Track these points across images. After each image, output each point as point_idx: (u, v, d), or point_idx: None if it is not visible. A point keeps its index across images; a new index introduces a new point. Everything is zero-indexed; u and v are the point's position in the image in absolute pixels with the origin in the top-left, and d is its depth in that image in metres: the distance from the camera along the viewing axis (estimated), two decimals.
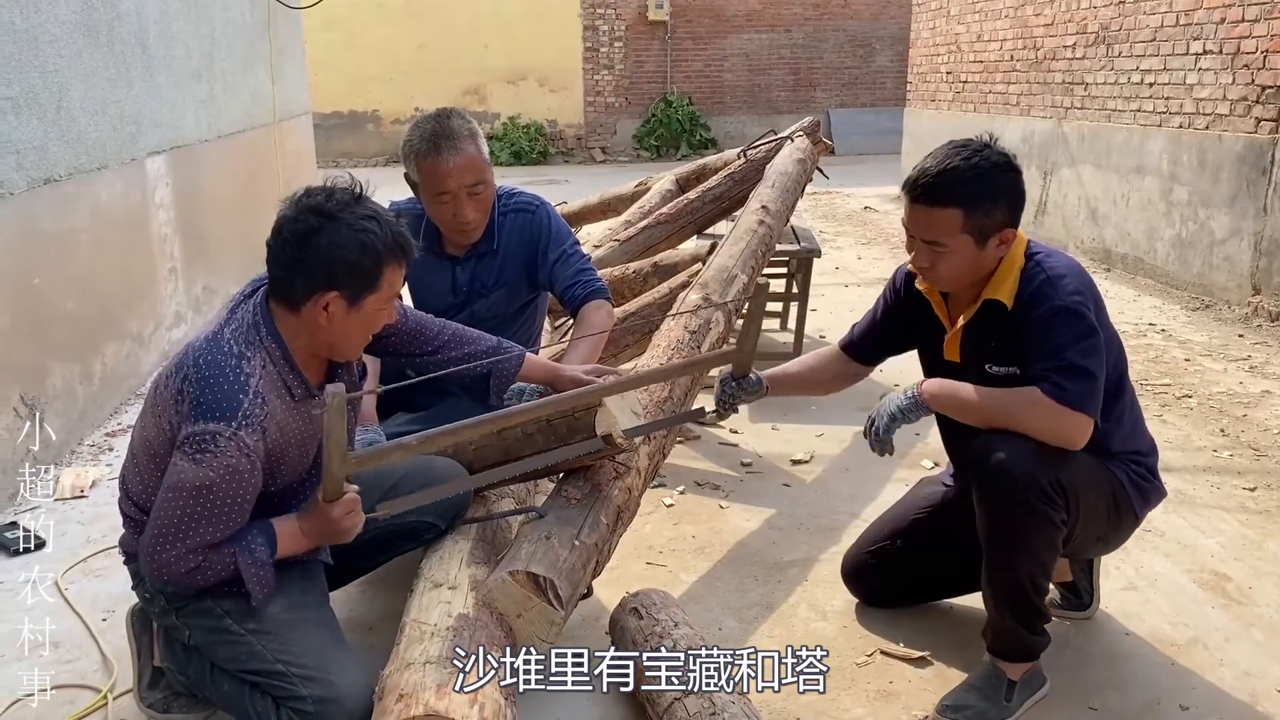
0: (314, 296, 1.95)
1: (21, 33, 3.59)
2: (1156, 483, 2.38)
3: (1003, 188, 2.19)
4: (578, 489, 2.31)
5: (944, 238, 2.19)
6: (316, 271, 1.94)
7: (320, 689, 1.96)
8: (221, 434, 1.87)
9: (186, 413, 1.91)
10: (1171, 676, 2.39)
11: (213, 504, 1.90)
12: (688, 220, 4.62)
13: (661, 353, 2.88)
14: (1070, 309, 2.15)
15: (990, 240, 2.19)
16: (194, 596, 2.05)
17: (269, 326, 2.00)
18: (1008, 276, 2.22)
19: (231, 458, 1.88)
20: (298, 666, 1.98)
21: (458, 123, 2.71)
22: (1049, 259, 2.24)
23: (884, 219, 9.60)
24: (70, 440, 3.83)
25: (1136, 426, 2.36)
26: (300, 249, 1.93)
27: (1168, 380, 4.59)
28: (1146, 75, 6.72)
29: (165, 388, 1.99)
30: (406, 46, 15.17)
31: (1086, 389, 2.11)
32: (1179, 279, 6.39)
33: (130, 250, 4.63)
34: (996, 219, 2.18)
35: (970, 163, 2.18)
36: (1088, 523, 2.25)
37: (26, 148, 3.59)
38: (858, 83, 16.46)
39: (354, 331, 2.04)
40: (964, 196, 2.16)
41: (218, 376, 1.92)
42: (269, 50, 7.25)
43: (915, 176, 2.22)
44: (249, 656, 2.01)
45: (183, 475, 1.88)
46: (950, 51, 9.95)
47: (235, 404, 1.90)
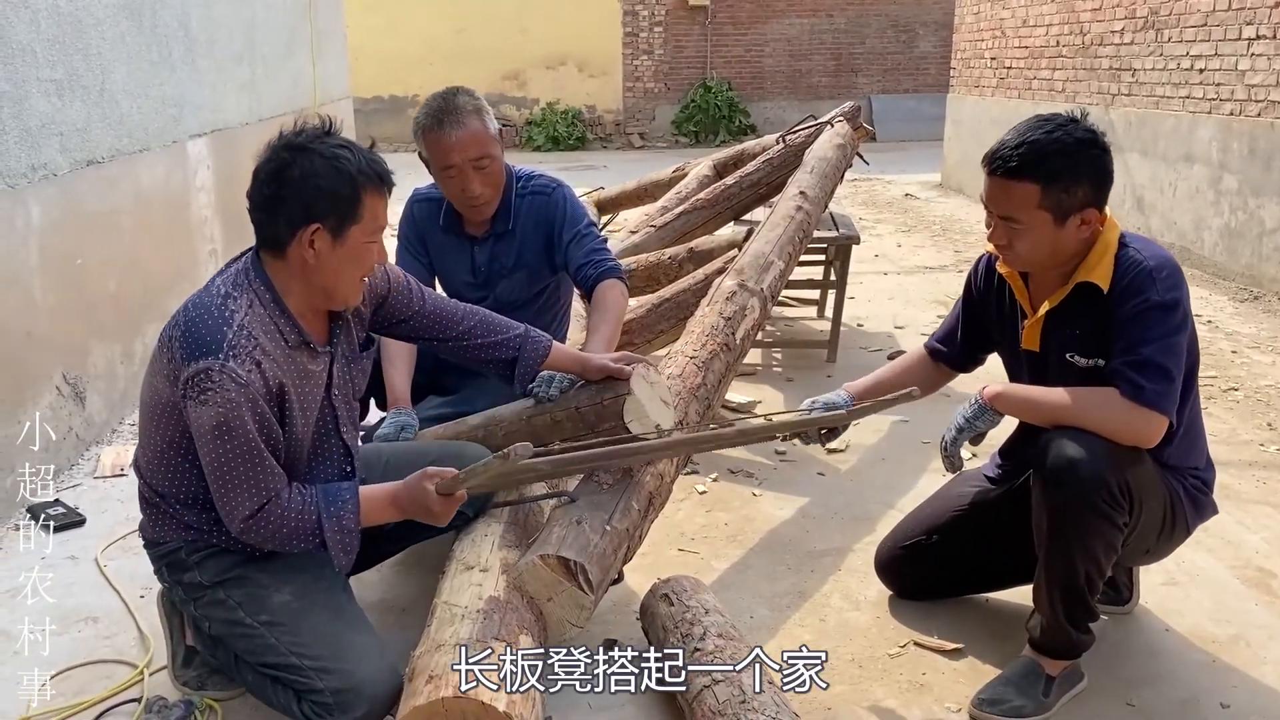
0: (297, 234, 1.93)
1: (66, 16, 3.63)
2: (1210, 498, 2.32)
3: (1085, 165, 2.11)
4: (609, 474, 2.31)
5: (1020, 213, 2.12)
6: (295, 205, 1.91)
7: (337, 680, 1.96)
8: (212, 369, 1.85)
9: (179, 360, 1.89)
10: (1212, 674, 2.34)
11: (236, 439, 1.88)
12: (725, 206, 4.59)
13: (696, 339, 2.86)
14: (1166, 305, 2.07)
15: (1071, 219, 2.11)
16: (209, 587, 2.06)
17: (258, 270, 1.99)
18: (1102, 259, 2.14)
19: (230, 390, 1.86)
20: (311, 659, 1.98)
21: (463, 99, 2.73)
22: (1146, 248, 2.15)
23: (925, 206, 9.50)
24: (111, 419, 3.88)
25: (1197, 440, 2.29)
26: (277, 186, 1.92)
27: (1214, 372, 4.50)
28: (1197, 61, 6.57)
29: (158, 343, 2.00)
30: (446, 31, 15.20)
31: (1163, 388, 2.05)
32: (1227, 269, 6.26)
33: (171, 232, 4.68)
34: (1078, 197, 2.10)
35: (1052, 136, 2.10)
36: (1144, 531, 2.19)
37: (70, 129, 3.63)
38: (900, 68, 16.28)
39: (344, 269, 1.99)
40: (1042, 171, 2.08)
41: (202, 316, 1.91)
42: (310, 34, 7.29)
43: (995, 149, 2.15)
44: (264, 650, 2.02)
45: (200, 422, 1.88)
46: (995, 37, 9.80)
47: (219, 337, 1.88)
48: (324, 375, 2.09)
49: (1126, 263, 2.12)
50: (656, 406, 2.30)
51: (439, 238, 2.93)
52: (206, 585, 2.07)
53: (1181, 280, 2.13)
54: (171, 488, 2.08)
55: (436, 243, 2.94)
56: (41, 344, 3.39)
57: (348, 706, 1.95)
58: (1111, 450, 2.07)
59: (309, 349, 2.04)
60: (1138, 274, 2.10)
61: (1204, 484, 2.29)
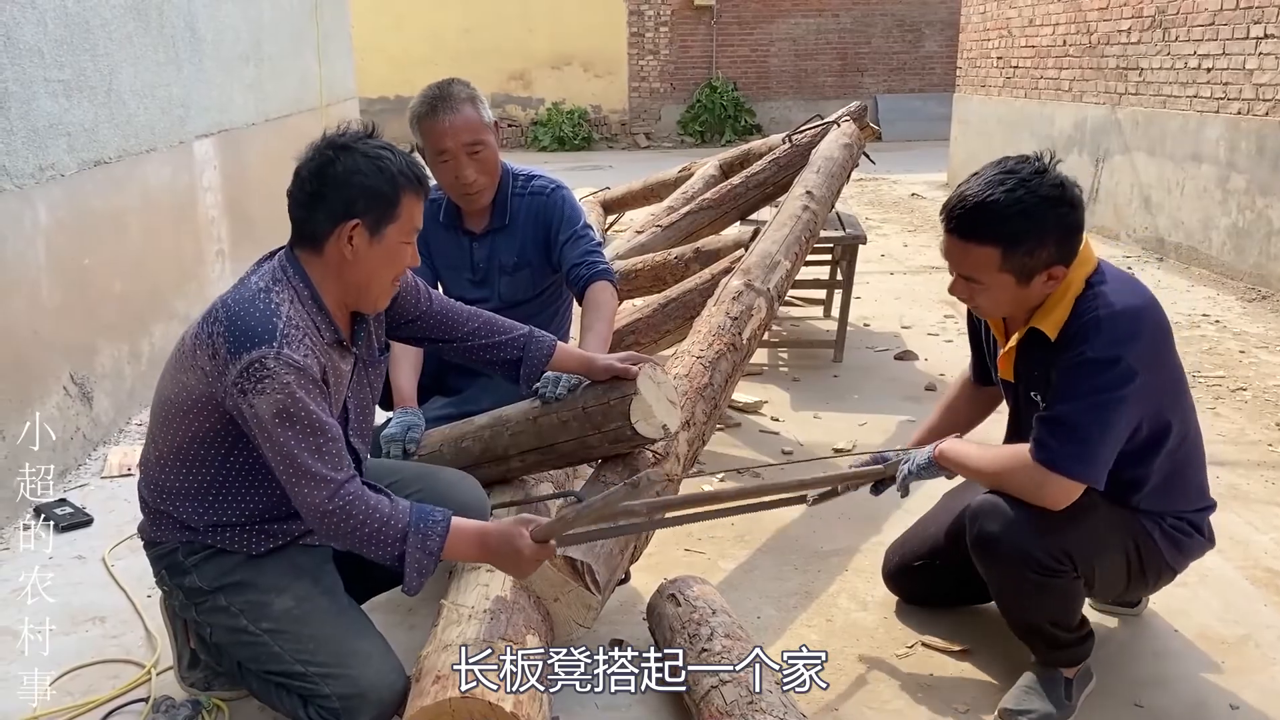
0: (336, 229, 1.94)
1: (74, 16, 3.63)
2: (1199, 538, 2.22)
3: (1051, 225, 1.98)
4: (616, 475, 2.30)
5: (981, 275, 2.04)
6: (336, 200, 1.93)
7: (343, 685, 1.95)
8: (266, 357, 1.84)
9: (224, 356, 1.87)
10: (1221, 675, 2.33)
11: (301, 422, 1.85)
12: (731, 206, 4.59)
13: (703, 338, 2.86)
14: (1099, 362, 1.96)
15: (1036, 278, 2.02)
16: (210, 592, 2.04)
17: (295, 267, 1.99)
18: (1058, 304, 2.05)
19: (288, 376, 1.85)
20: (316, 665, 1.97)
21: (457, 88, 2.77)
22: (1108, 292, 2.03)
23: (931, 206, 9.48)
24: (118, 419, 3.88)
25: (1182, 485, 2.18)
26: (319, 181, 1.94)
27: (1221, 372, 4.48)
28: (1204, 60, 6.55)
29: (191, 340, 1.97)
30: (452, 31, 15.20)
31: (1071, 450, 1.97)
32: (1235, 269, 6.24)
33: (178, 232, 4.69)
34: (1042, 258, 2.00)
35: (1014, 195, 1.97)
36: (1107, 579, 2.17)
37: (77, 130, 3.63)
38: (906, 68, 16.25)
39: (379, 268, 2.00)
40: (1003, 234, 1.98)
41: (247, 309, 1.90)
42: (316, 34, 7.29)
43: (952, 203, 2.05)
44: (268, 658, 2.01)
45: (259, 413, 1.85)
46: (1001, 36, 9.78)
47: (270, 326, 1.87)
48: (348, 376, 2.08)
49: (1081, 309, 2.02)
50: (663, 406, 2.30)
51: (440, 235, 2.94)
52: (207, 590, 2.05)
53: (1135, 334, 2.00)
54: (180, 484, 2.05)
55: (438, 241, 2.95)
56: (49, 344, 3.39)
57: (354, 712, 1.95)
58: (1036, 517, 2.03)
59: (341, 347, 2.04)
60: (1083, 324, 2.00)
61: (1190, 525, 2.19)
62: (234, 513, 2.04)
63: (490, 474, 2.50)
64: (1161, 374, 2.06)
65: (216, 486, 2.03)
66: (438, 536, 1.88)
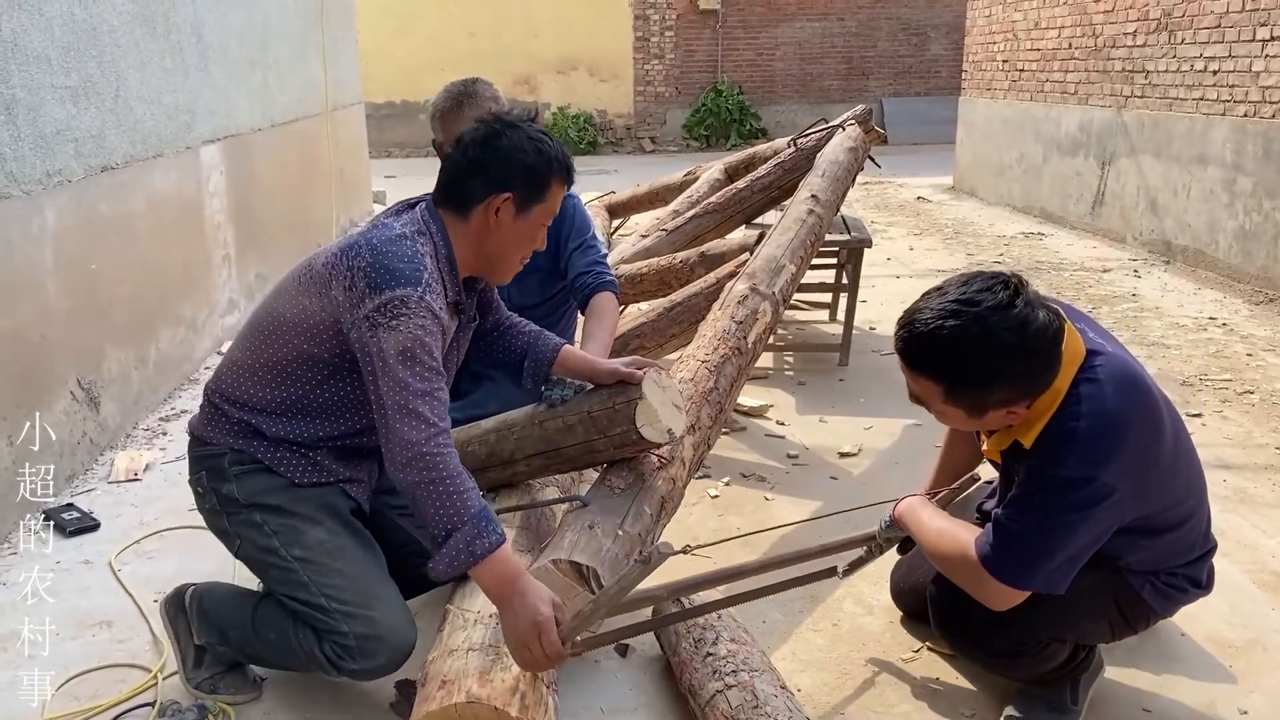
0: (488, 199, 2.03)
1: (81, 23, 3.65)
2: (1194, 590, 2.10)
3: (1002, 372, 1.80)
4: (622, 478, 2.30)
5: (929, 401, 1.93)
6: (495, 172, 2.03)
7: (362, 625, 2.00)
8: (409, 297, 1.89)
9: (363, 290, 1.91)
10: (1229, 680, 2.32)
11: (422, 366, 1.89)
12: (736, 210, 4.58)
13: (708, 343, 2.86)
14: (1064, 482, 1.82)
15: (991, 413, 1.88)
16: (245, 506, 2.08)
17: (438, 224, 2.07)
18: (1039, 421, 1.89)
19: (424, 318, 1.90)
20: (339, 602, 2.01)
21: (482, 86, 2.83)
22: (1094, 396, 1.84)
23: (937, 209, 9.48)
24: (125, 424, 3.89)
25: (1170, 545, 2.04)
26: (482, 150, 2.04)
27: (1229, 375, 4.47)
28: (1210, 63, 6.54)
29: (324, 269, 2.01)
30: (458, 35, 15.23)
31: (1016, 563, 1.86)
32: (1242, 272, 6.23)
33: (185, 237, 4.70)
34: (993, 398, 1.84)
35: (964, 332, 1.79)
36: (1087, 638, 2.13)
37: (85, 136, 3.65)
38: (911, 71, 16.24)
39: (515, 243, 2.10)
40: (946, 371, 1.84)
41: (395, 251, 1.95)
42: (321, 39, 7.31)
43: (901, 324, 1.91)
44: (295, 585, 2.05)
45: (384, 347, 1.88)
46: (1007, 39, 9.78)
47: (417, 271, 1.93)
48: (451, 338, 2.13)
49: (1060, 418, 1.85)
50: (668, 411, 2.30)
51: None
52: (242, 504, 2.09)
53: (1115, 450, 1.82)
54: (262, 395, 2.10)
55: None
56: (56, 348, 3.40)
57: (370, 652, 2.00)
58: (994, 611, 1.95)
59: (456, 309, 2.12)
60: (1058, 435, 1.85)
61: (1186, 579, 2.09)
62: (303, 434, 2.10)
63: (496, 478, 2.51)
64: (1150, 479, 1.91)
65: (298, 408, 2.09)
66: (488, 545, 1.80)
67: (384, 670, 2.06)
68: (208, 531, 2.33)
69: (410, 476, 1.85)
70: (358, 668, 2.02)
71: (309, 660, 2.07)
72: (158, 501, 3.30)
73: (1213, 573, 2.16)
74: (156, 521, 3.15)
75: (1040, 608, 1.95)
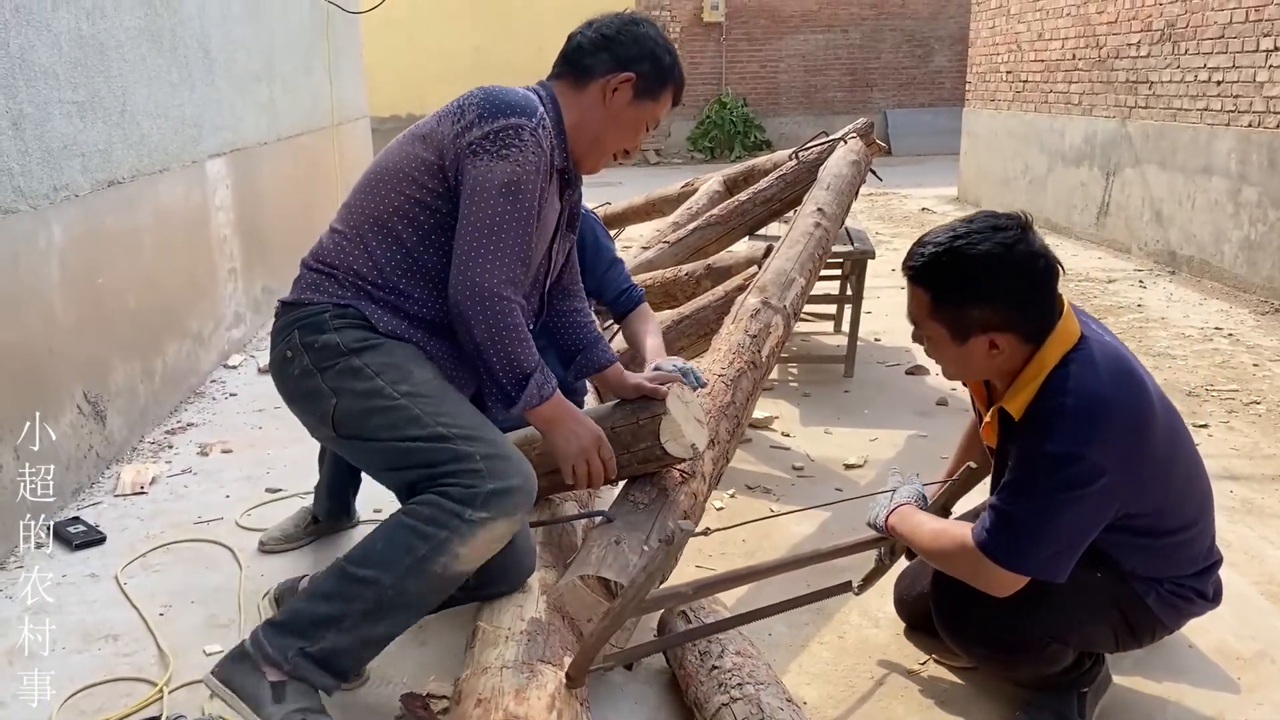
0: (612, 74, 2.06)
1: (88, 39, 3.67)
2: (1200, 602, 2.09)
3: (993, 288, 1.86)
4: (645, 493, 2.30)
5: (918, 318, 1.98)
6: (625, 50, 2.06)
7: (486, 446, 1.89)
8: (524, 126, 1.87)
9: (472, 119, 1.90)
10: (1236, 691, 2.31)
11: (521, 203, 1.86)
12: (738, 222, 4.59)
13: (723, 356, 2.87)
14: (1054, 458, 1.83)
15: (973, 339, 1.91)
16: (346, 352, 1.95)
17: (549, 93, 2.08)
18: (1028, 385, 1.91)
19: (534, 154, 1.87)
20: (458, 427, 1.90)
21: None
22: (1084, 375, 1.86)
23: (941, 220, 9.45)
24: (131, 437, 3.90)
25: (1175, 552, 2.04)
26: (618, 29, 2.09)
27: (1235, 386, 4.46)
28: (1214, 73, 6.55)
29: (433, 119, 2.01)
30: (463, 49, 15.30)
31: (1016, 547, 1.88)
32: (1247, 282, 6.22)
33: (191, 251, 4.72)
34: (974, 317, 1.88)
35: (956, 240, 1.89)
36: (1090, 643, 2.12)
37: (92, 150, 3.67)
38: (915, 82, 16.28)
39: (619, 130, 2.10)
40: (935, 281, 1.91)
41: (510, 92, 1.95)
42: (327, 53, 7.35)
43: (915, 241, 2.01)
44: (406, 422, 1.90)
45: (487, 176, 1.85)
46: (1010, 50, 9.79)
47: (533, 107, 1.93)
48: (554, 220, 2.12)
49: (1048, 393, 1.88)
50: (691, 426, 2.30)
51: None
52: (344, 350, 1.96)
53: (1101, 431, 1.82)
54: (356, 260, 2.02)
55: None
56: (63, 361, 3.41)
57: (502, 472, 1.87)
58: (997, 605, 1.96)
59: (563, 178, 2.11)
60: (1046, 412, 1.86)
61: (1193, 590, 2.07)
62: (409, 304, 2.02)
63: None
64: (1143, 469, 1.89)
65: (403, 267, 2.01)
66: (551, 387, 1.99)
67: (521, 499, 1.90)
68: (214, 545, 2.32)
69: (481, 318, 1.89)
70: (494, 488, 1.84)
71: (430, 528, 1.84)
72: (164, 515, 3.31)
73: (1220, 586, 2.15)
74: (162, 535, 3.16)
75: (1043, 603, 1.96)
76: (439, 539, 1.85)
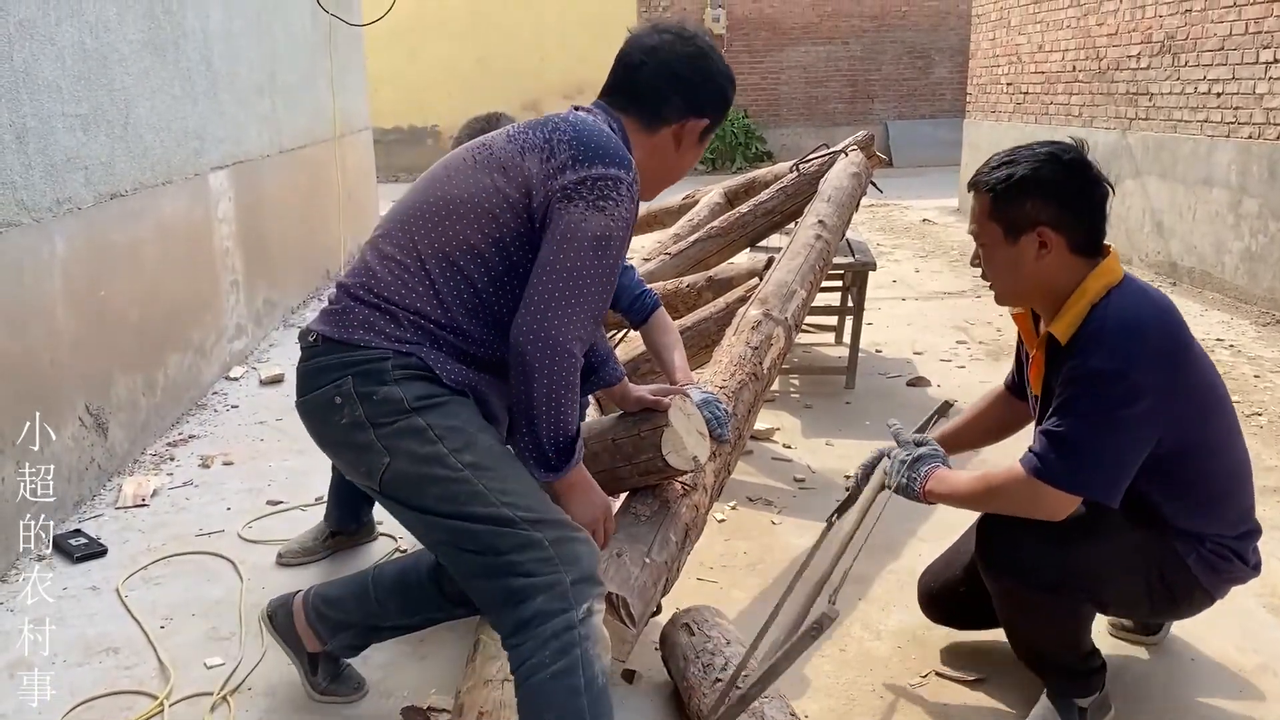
0: (685, 121, 1.96)
1: (91, 53, 3.68)
2: (1241, 564, 2.12)
3: (1041, 179, 2.00)
4: (647, 506, 2.30)
5: (978, 225, 2.08)
6: (701, 94, 1.95)
7: (555, 530, 1.75)
8: (624, 180, 1.78)
9: (565, 160, 1.79)
10: (1239, 704, 2.31)
11: (610, 259, 1.76)
12: (739, 234, 4.60)
13: (724, 368, 2.87)
14: (1101, 375, 1.91)
15: (1024, 236, 2.01)
16: (408, 411, 1.77)
17: (621, 129, 1.95)
18: (1073, 309, 2.01)
19: (627, 210, 1.79)
20: (524, 509, 1.74)
21: (505, 122, 2.86)
22: (1124, 302, 1.98)
23: (943, 231, 9.48)
24: (133, 450, 3.91)
25: (1216, 503, 2.09)
26: (690, 68, 1.94)
27: (1237, 397, 4.46)
28: (1214, 85, 6.56)
29: (509, 144, 1.87)
30: (466, 60, 15.33)
31: (1065, 464, 1.93)
32: (1248, 293, 6.22)
33: (193, 263, 4.73)
34: (1028, 211, 2.00)
35: (1032, 152, 2.03)
36: (1121, 601, 2.15)
37: (94, 163, 3.68)
38: (916, 94, 16.31)
39: (679, 167, 2.03)
40: (996, 179, 2.03)
41: (600, 133, 1.83)
42: (330, 65, 7.37)
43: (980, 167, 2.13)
44: (468, 497, 1.74)
45: (581, 225, 1.74)
46: (1011, 62, 9.82)
47: (627, 157, 1.82)
48: None
49: (1092, 317, 1.98)
50: (694, 438, 2.30)
51: None
52: (406, 407, 1.77)
53: (1141, 347, 1.92)
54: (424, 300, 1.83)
55: None
56: (65, 374, 3.42)
57: (572, 558, 1.73)
58: (1042, 535, 2.01)
59: None
60: (1094, 332, 1.96)
61: (1232, 552, 2.10)
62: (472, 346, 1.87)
63: None
64: (1181, 397, 1.97)
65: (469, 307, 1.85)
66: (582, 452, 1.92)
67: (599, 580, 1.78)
68: (215, 557, 2.31)
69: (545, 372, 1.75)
70: (574, 578, 1.71)
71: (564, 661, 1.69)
72: (165, 527, 3.31)
73: (1260, 557, 2.18)
74: (164, 547, 3.16)
75: (1090, 547, 2.02)
76: (578, 658, 1.70)
